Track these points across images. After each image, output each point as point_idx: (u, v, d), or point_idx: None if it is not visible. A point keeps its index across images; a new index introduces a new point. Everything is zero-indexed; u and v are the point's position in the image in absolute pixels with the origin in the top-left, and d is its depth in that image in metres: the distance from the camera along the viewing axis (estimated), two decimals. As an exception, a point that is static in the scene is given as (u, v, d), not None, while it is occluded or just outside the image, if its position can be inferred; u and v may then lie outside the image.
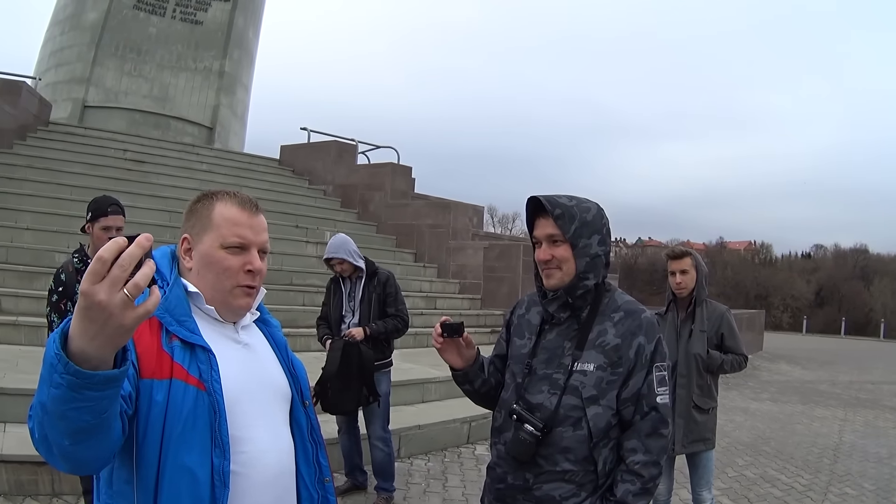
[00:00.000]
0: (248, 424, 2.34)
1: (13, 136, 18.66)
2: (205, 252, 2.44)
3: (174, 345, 2.25)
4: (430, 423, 10.16)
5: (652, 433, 3.15)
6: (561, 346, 3.28)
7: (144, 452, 2.14)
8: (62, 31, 26.96)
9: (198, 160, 22.34)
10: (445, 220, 20.54)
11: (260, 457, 2.35)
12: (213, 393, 2.22)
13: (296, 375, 2.65)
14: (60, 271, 5.69)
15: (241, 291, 2.45)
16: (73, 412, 1.72)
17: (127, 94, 26.13)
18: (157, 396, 2.15)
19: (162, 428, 2.15)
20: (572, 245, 3.23)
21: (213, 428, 2.20)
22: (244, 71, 29.65)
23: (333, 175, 23.56)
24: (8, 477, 6.82)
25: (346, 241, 7.81)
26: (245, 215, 2.48)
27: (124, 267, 1.62)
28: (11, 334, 10.70)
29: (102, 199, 5.84)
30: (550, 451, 3.18)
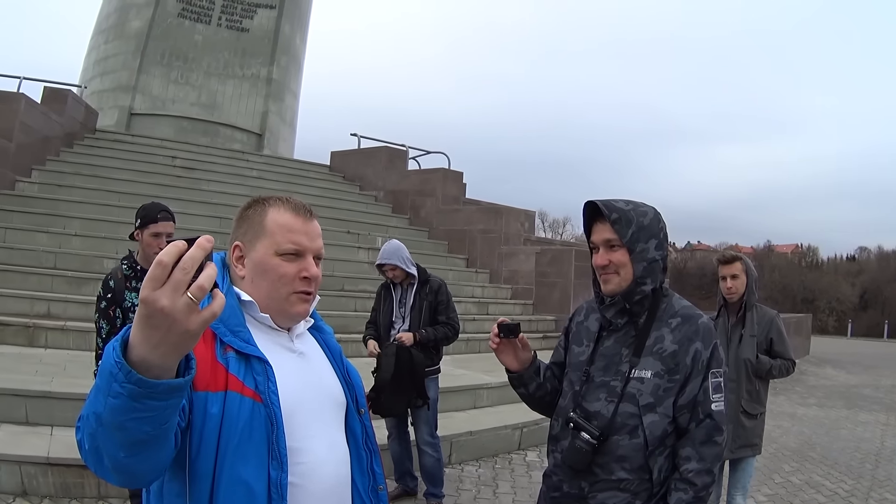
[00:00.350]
0: (304, 435, 2.27)
1: (60, 144, 18.90)
2: (259, 259, 2.38)
3: (229, 356, 2.20)
4: (482, 429, 10.09)
5: (706, 441, 3.11)
6: (618, 353, 3.26)
7: (198, 465, 2.08)
8: (106, 40, 27.21)
9: (248, 167, 22.49)
10: (497, 226, 20.43)
11: (317, 468, 2.29)
12: (270, 405, 2.16)
13: (351, 383, 2.60)
14: (109, 278, 5.64)
15: (297, 298, 2.39)
16: (133, 423, 1.66)
17: (174, 101, 26.29)
18: (211, 409, 2.10)
19: (217, 441, 2.10)
20: (629, 250, 3.20)
21: (271, 440, 2.14)
22: (292, 77, 29.70)
23: (384, 181, 23.55)
24: (54, 480, 6.91)
25: (399, 247, 7.80)
26: (299, 221, 2.42)
27: (186, 270, 1.55)
28: (60, 339, 10.94)
29: (152, 205, 5.79)
30: (606, 459, 3.16)
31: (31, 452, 7.05)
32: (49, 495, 6.90)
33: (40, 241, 13.95)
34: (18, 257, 13.16)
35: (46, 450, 7.10)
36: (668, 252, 3.39)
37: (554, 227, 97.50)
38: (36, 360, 9.85)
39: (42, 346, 10.78)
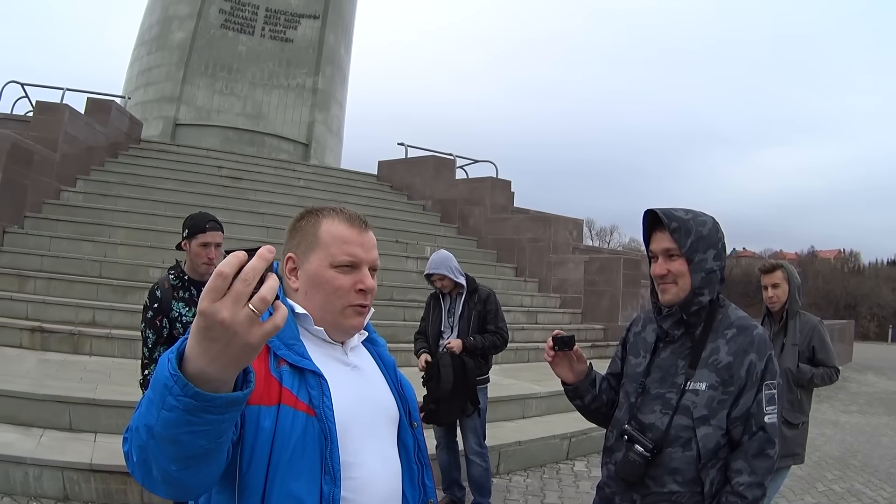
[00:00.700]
0: (358, 450, 2.23)
1: (105, 154, 19.07)
2: (313, 272, 2.34)
3: (283, 369, 2.15)
4: (530, 439, 10.00)
5: (758, 454, 3.09)
6: (674, 365, 3.26)
7: (249, 480, 2.03)
8: (149, 52, 27.54)
9: (295, 176, 22.50)
10: (546, 234, 20.30)
11: (369, 482, 2.24)
12: (324, 419, 2.12)
13: (404, 396, 2.54)
14: (156, 288, 5.60)
15: (352, 311, 2.34)
16: (188, 436, 1.62)
17: (219, 111, 26.47)
18: (264, 423, 2.05)
19: (269, 455, 2.04)
20: (688, 260, 3.19)
21: (324, 455, 2.10)
22: (338, 87, 29.77)
23: (432, 190, 23.49)
24: (97, 486, 6.96)
25: (447, 257, 7.78)
26: (354, 232, 2.37)
27: (248, 281, 1.50)
28: (105, 347, 11.07)
29: (199, 215, 5.73)
30: (659, 472, 3.16)
31: (74, 458, 7.07)
32: (91, 501, 6.93)
33: (85, 249, 14.07)
34: (63, 266, 13.27)
35: (90, 456, 7.13)
36: (725, 262, 3.35)
37: (601, 235, 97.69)
38: (81, 368, 9.92)
39: (87, 353, 10.87)
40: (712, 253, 3.21)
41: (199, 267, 5.54)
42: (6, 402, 7.98)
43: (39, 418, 7.94)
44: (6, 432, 7.59)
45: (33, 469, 6.96)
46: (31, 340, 10.89)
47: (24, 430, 7.72)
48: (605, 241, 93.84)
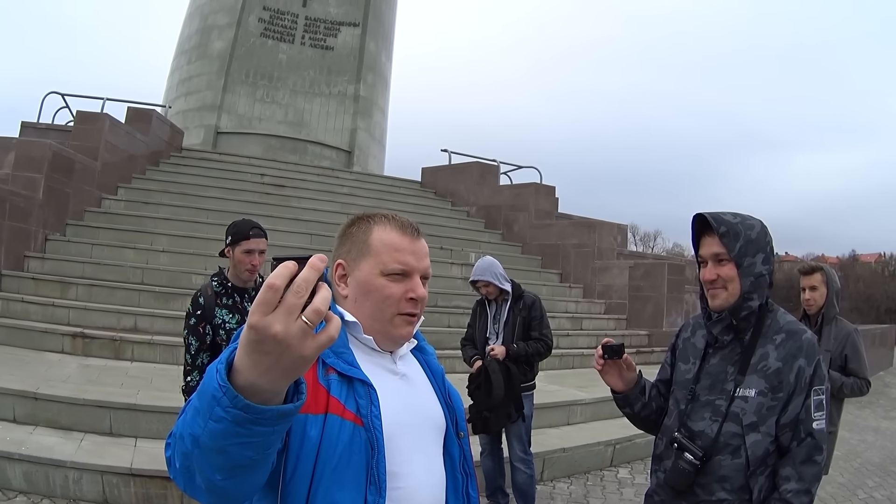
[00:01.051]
0: (404, 460, 2.18)
1: (146, 163, 19.27)
2: (363, 279, 2.30)
3: (331, 378, 2.12)
4: (575, 445, 9.91)
5: (806, 460, 3.05)
6: (724, 371, 3.24)
7: (292, 488, 2.00)
8: (189, 61, 27.72)
9: (338, 183, 22.51)
10: (590, 240, 20.16)
11: (414, 492, 2.19)
12: (371, 429, 2.09)
13: (451, 405, 2.49)
14: (199, 295, 5.58)
15: (402, 320, 2.29)
16: (236, 447, 1.58)
17: (261, 119, 26.54)
18: (310, 432, 2.02)
19: (313, 464, 2.01)
20: (737, 264, 3.17)
21: (370, 465, 2.06)
22: (379, 94, 29.76)
23: (476, 196, 23.42)
24: (136, 490, 7.01)
25: (492, 263, 7.71)
26: (406, 240, 2.32)
27: (300, 293, 1.45)
28: (147, 352, 11.11)
29: (243, 222, 5.72)
30: (708, 479, 3.14)
31: (114, 463, 7.13)
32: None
33: (127, 256, 14.19)
34: (105, 272, 13.39)
35: (130, 460, 7.21)
36: (774, 266, 3.33)
37: (645, 240, 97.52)
38: (122, 373, 10.00)
39: (129, 359, 10.92)
40: (761, 257, 3.19)
41: (242, 274, 5.53)
42: (48, 407, 8.05)
43: (80, 422, 7.98)
44: (47, 436, 7.65)
45: (73, 472, 6.97)
46: (72, 346, 10.94)
47: (65, 434, 7.75)
48: (649, 246, 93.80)
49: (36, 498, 6.90)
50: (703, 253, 3.27)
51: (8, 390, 8.14)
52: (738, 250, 3.14)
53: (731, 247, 3.14)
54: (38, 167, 14.09)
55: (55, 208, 14.46)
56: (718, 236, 3.16)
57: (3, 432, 7.56)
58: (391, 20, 31.29)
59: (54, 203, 14.39)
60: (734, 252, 3.13)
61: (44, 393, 8.11)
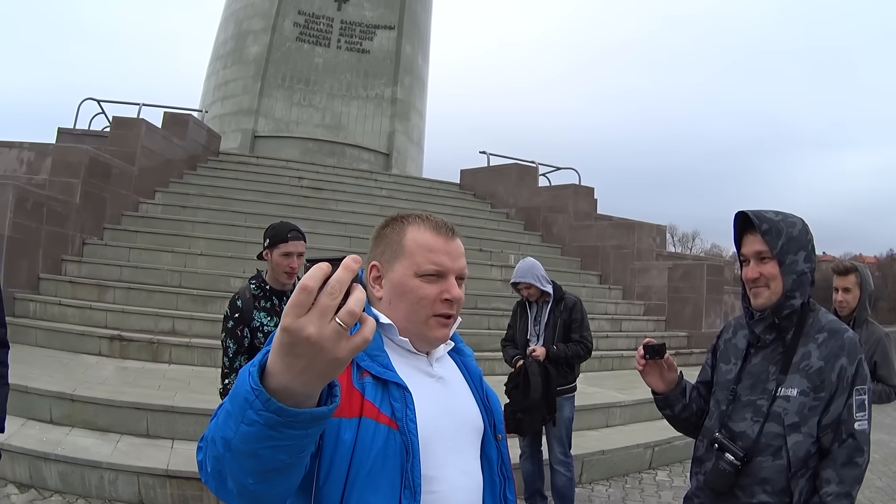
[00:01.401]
0: (440, 463, 2.16)
1: (183, 167, 19.44)
2: (397, 281, 2.27)
3: (365, 381, 2.11)
4: (613, 448, 9.83)
5: (847, 462, 2.99)
6: (765, 371, 3.21)
7: (326, 492, 1.99)
8: (224, 66, 28.00)
9: (377, 186, 22.52)
10: (629, 241, 20.05)
11: (449, 496, 2.17)
12: (406, 433, 2.06)
13: (490, 408, 2.46)
14: (237, 297, 5.55)
15: (437, 322, 2.26)
16: (268, 451, 1.56)
17: (298, 123, 26.69)
18: (344, 436, 2.01)
19: (347, 468, 2.00)
20: (779, 262, 3.16)
21: (405, 468, 2.04)
22: (417, 97, 29.82)
23: (515, 198, 23.35)
24: (173, 492, 7.05)
25: (534, 265, 7.66)
26: (441, 240, 2.29)
27: (334, 295, 1.43)
28: (184, 355, 11.17)
29: (281, 224, 5.67)
30: (748, 481, 3.11)
31: (150, 464, 7.19)
32: None
33: (165, 260, 14.27)
34: (143, 276, 13.47)
35: (166, 462, 7.25)
36: (815, 264, 3.31)
37: (684, 241, 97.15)
38: (160, 375, 10.06)
39: (166, 361, 10.98)
40: (803, 255, 3.17)
41: (280, 276, 5.49)
42: (84, 408, 8.12)
43: (117, 424, 8.03)
44: (84, 437, 7.73)
45: (109, 473, 7.03)
46: (110, 348, 11.02)
47: (102, 436, 7.82)
48: (688, 247, 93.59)
49: (71, 498, 6.92)
50: (745, 251, 3.26)
51: (45, 392, 8.20)
52: (781, 248, 3.13)
53: (774, 244, 3.12)
54: (76, 172, 14.23)
55: (92, 212, 14.61)
56: (761, 234, 3.15)
57: (40, 433, 7.65)
58: (427, 23, 31.40)
59: (91, 207, 14.53)
60: (776, 250, 3.12)
61: (80, 395, 8.17)
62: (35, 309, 12.07)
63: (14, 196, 12.11)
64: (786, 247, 3.13)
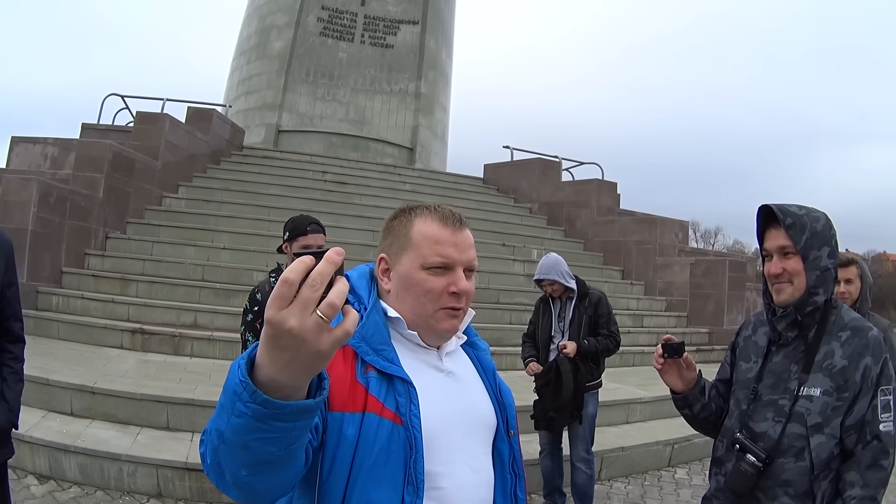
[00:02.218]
0: (447, 460, 2.15)
1: (207, 161, 19.55)
2: (404, 273, 2.26)
3: (370, 376, 2.10)
4: (633, 445, 9.79)
5: (872, 465, 2.92)
6: (787, 370, 3.15)
7: (329, 487, 2.01)
8: (248, 61, 28.12)
9: (401, 181, 22.57)
10: (652, 237, 20.01)
11: (456, 493, 2.16)
12: (410, 428, 2.06)
13: (503, 403, 2.43)
14: (256, 291, 5.63)
15: (444, 314, 2.24)
16: (258, 443, 1.58)
17: (322, 118, 26.78)
18: (347, 430, 2.01)
19: (350, 462, 2.01)
20: (803, 257, 3.09)
21: (408, 464, 2.04)
22: (441, 91, 29.85)
23: (538, 193, 23.33)
24: (191, 484, 7.07)
25: (557, 261, 7.61)
26: (448, 232, 2.26)
27: (315, 287, 1.44)
28: (206, 349, 11.25)
29: (300, 218, 5.74)
30: (770, 483, 3.06)
31: (170, 457, 7.22)
32: (184, 499, 7.07)
33: (188, 254, 14.34)
34: (165, 269, 13.56)
35: (185, 455, 7.27)
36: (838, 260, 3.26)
37: (706, 237, 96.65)
38: (181, 369, 10.11)
39: (188, 354, 11.05)
40: (826, 250, 3.10)
41: None
42: (105, 401, 8.16)
43: (137, 417, 8.07)
44: (104, 429, 7.76)
45: (128, 465, 7.08)
46: (132, 341, 11.09)
47: (122, 428, 7.86)
48: (710, 243, 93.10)
49: (90, 489, 6.97)
50: (768, 246, 3.20)
51: (66, 384, 8.25)
52: (805, 243, 3.07)
53: (798, 239, 3.07)
54: (99, 167, 14.35)
55: (116, 207, 14.71)
56: (784, 228, 3.09)
57: (60, 425, 7.68)
58: (450, 18, 31.41)
59: (115, 202, 14.64)
60: (800, 245, 3.07)
61: (101, 387, 8.22)
62: (58, 302, 12.16)
63: (38, 191, 12.21)
64: (809, 242, 3.08)
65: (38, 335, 11.05)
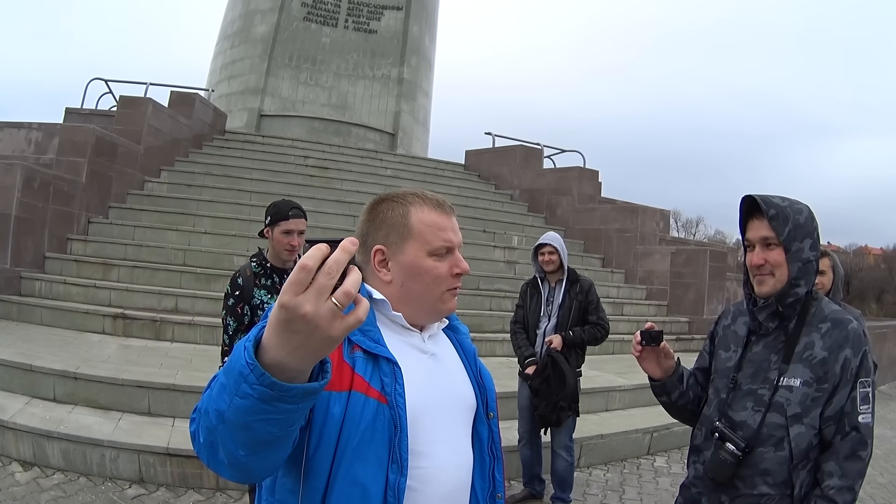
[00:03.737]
0: (429, 440, 2.20)
1: (189, 146, 19.57)
2: (410, 262, 2.30)
3: (356, 355, 2.14)
4: (612, 432, 9.87)
5: (850, 455, 3.00)
6: (767, 360, 3.20)
7: (315, 464, 2.04)
8: (232, 45, 28.03)
9: (382, 166, 22.60)
10: (633, 225, 20.06)
11: (437, 473, 2.22)
12: (395, 407, 2.10)
13: (483, 386, 2.50)
14: (238, 275, 5.60)
15: (449, 295, 2.35)
16: (260, 424, 1.62)
17: (304, 102, 26.74)
18: (333, 409, 2.05)
19: (336, 440, 2.05)
20: (786, 249, 3.14)
21: (393, 443, 2.09)
22: (423, 77, 29.84)
23: (520, 179, 23.37)
24: (172, 469, 7.14)
25: (559, 237, 7.65)
26: (444, 217, 2.35)
27: (331, 274, 1.49)
28: (187, 333, 11.28)
29: (282, 202, 5.71)
30: (749, 472, 3.12)
31: (151, 442, 7.25)
32: (166, 484, 7.09)
33: (169, 238, 14.34)
34: (147, 254, 13.56)
35: (167, 440, 7.32)
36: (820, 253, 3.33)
37: (687, 226, 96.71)
38: (162, 353, 10.12)
39: (169, 339, 11.06)
40: (808, 242, 3.15)
41: (281, 254, 5.53)
42: (87, 387, 8.19)
43: (119, 402, 8.11)
44: (86, 415, 7.81)
45: (110, 451, 7.10)
46: (113, 327, 11.11)
47: (104, 414, 7.90)
48: (691, 232, 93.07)
49: (73, 476, 6.99)
50: (750, 236, 3.25)
51: (49, 370, 8.27)
52: (787, 234, 3.12)
53: (780, 231, 3.12)
54: (82, 151, 14.34)
55: (98, 191, 14.71)
56: (768, 219, 3.14)
57: (44, 411, 7.72)
58: (434, 4, 31.33)
59: (97, 186, 14.65)
60: (783, 236, 3.12)
61: (83, 373, 8.23)
62: (41, 288, 12.17)
63: (22, 176, 12.23)
64: (792, 234, 3.13)
65: (22, 321, 11.21)
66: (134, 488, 6.92)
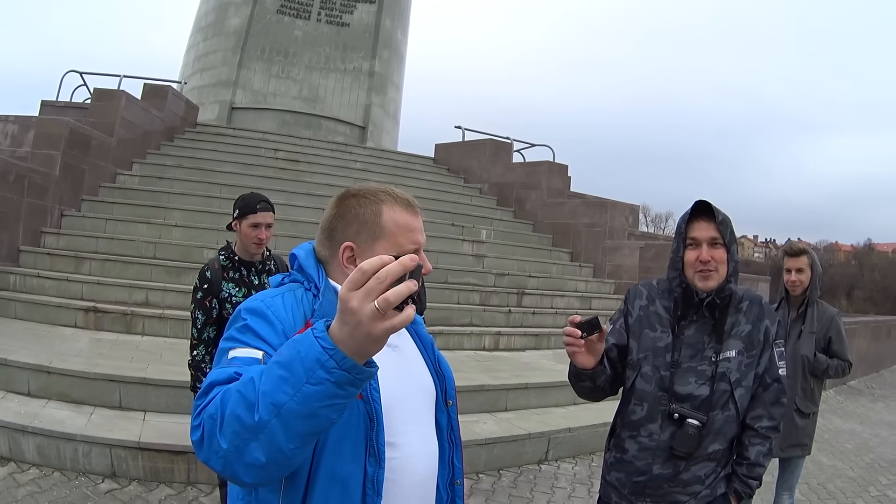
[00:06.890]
0: (400, 431, 2.27)
1: (161, 138, 19.43)
2: None
3: None
4: (580, 426, 9.86)
5: (775, 402, 3.63)
6: (701, 341, 3.60)
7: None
8: (205, 38, 27.86)
9: (352, 159, 22.52)
10: (602, 220, 20.13)
11: (409, 462, 2.29)
12: (371, 402, 2.16)
13: (442, 374, 2.58)
14: (206, 269, 5.69)
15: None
16: (327, 410, 1.72)
17: (276, 95, 26.68)
18: None
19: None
20: (727, 250, 3.56)
21: (369, 436, 2.15)
22: (394, 71, 29.78)
23: (489, 173, 23.36)
24: (144, 464, 7.16)
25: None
26: (413, 218, 2.41)
27: (381, 280, 1.64)
28: (157, 327, 11.29)
29: (251, 196, 5.79)
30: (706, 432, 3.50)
31: (123, 436, 7.27)
32: (138, 478, 7.10)
33: (140, 231, 14.27)
34: (118, 247, 13.52)
35: (138, 434, 7.33)
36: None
37: (657, 221, 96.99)
38: (133, 347, 10.13)
39: (139, 333, 11.06)
40: (735, 247, 3.62)
41: (249, 247, 5.60)
42: (60, 380, 8.23)
43: (91, 396, 8.15)
44: (59, 409, 7.82)
45: (83, 446, 7.13)
46: (85, 320, 11.12)
47: (76, 408, 7.92)
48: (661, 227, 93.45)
49: (48, 471, 7.04)
50: (698, 235, 3.56)
51: (23, 364, 8.32)
52: (729, 237, 3.55)
53: (725, 234, 3.53)
54: (56, 144, 14.32)
55: (71, 184, 14.68)
56: (717, 223, 3.53)
57: (18, 406, 7.76)
58: (407, -3, 31.13)
59: (70, 179, 14.62)
60: (727, 238, 3.54)
61: (56, 367, 8.28)
62: (15, 281, 12.18)
63: (-2, 169, 12.17)
64: (731, 238, 3.56)
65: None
66: (107, 483, 6.93)
